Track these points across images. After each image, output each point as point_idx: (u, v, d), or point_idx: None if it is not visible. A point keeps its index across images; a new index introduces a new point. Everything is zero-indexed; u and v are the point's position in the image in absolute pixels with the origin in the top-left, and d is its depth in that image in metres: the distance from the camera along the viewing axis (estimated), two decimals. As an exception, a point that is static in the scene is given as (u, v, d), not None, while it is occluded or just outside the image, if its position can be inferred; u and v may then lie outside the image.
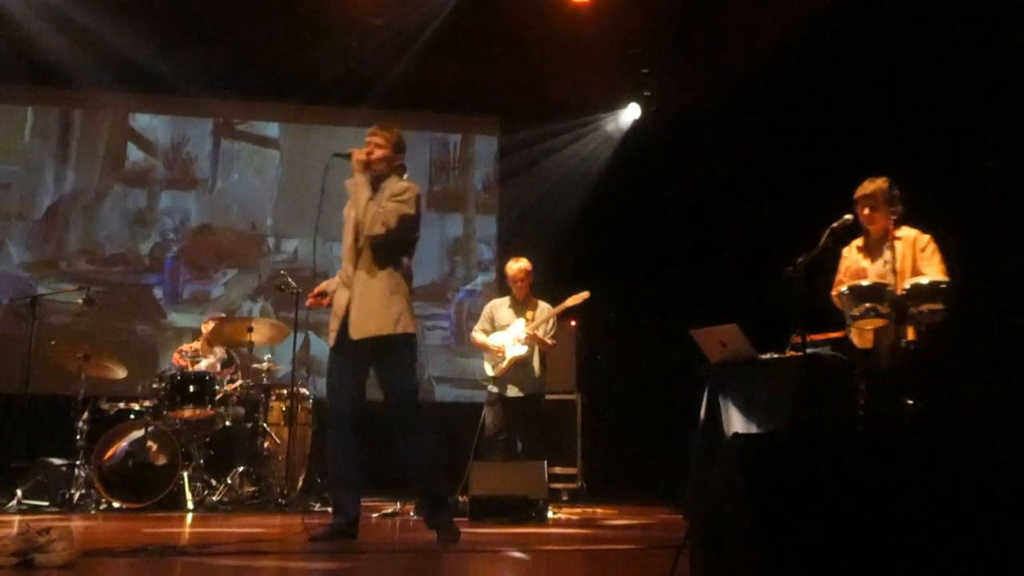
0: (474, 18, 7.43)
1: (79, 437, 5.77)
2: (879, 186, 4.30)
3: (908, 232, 4.31)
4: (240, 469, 6.06)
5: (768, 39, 6.82)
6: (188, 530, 4.58)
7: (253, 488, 6.08)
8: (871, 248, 4.41)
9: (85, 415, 5.86)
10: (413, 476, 3.93)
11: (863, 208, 4.33)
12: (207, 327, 6.69)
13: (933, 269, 4.18)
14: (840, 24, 6.44)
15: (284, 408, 6.46)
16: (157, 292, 8.64)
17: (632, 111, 9.04)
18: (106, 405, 6.00)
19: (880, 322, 4.01)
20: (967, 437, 2.01)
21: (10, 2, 7.45)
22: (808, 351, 4.21)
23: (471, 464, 5.25)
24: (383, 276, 3.85)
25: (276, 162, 9.04)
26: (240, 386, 6.39)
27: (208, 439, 6.11)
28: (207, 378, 6.08)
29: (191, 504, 5.68)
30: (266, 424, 6.34)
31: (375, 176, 3.95)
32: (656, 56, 8.20)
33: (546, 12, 7.46)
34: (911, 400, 3.93)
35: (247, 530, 4.42)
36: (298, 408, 6.37)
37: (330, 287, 4.06)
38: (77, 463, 5.71)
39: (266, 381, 6.62)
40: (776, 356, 4.56)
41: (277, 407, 6.50)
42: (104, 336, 7.99)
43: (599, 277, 6.48)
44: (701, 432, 4.81)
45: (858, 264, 4.43)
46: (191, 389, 6.00)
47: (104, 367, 6.27)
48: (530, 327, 5.71)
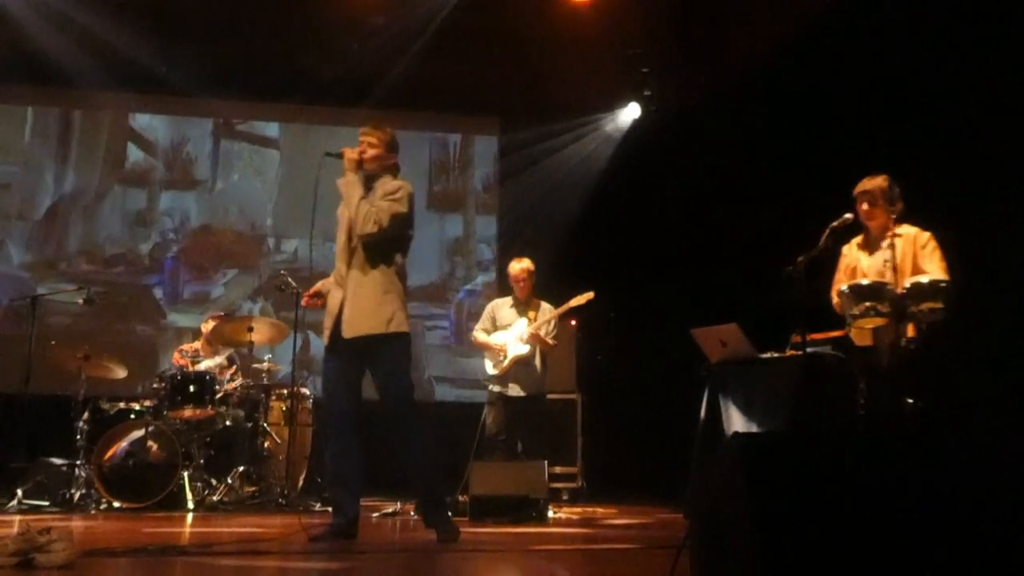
0: (474, 18, 7.43)
1: (79, 437, 5.78)
2: (878, 183, 4.30)
3: (908, 230, 4.31)
4: (240, 469, 6.07)
5: (768, 39, 6.83)
6: (188, 530, 4.58)
7: (253, 488, 6.09)
8: (870, 245, 4.41)
9: (85, 415, 5.86)
10: (411, 475, 3.92)
11: (862, 203, 4.32)
12: (207, 326, 6.70)
13: (934, 267, 4.18)
14: (840, 24, 6.44)
15: (284, 408, 6.46)
16: (157, 292, 8.64)
17: (632, 111, 9.04)
18: (106, 405, 6.01)
19: (880, 321, 4.01)
20: (967, 437, 2.01)
21: (10, 2, 7.45)
22: (808, 351, 4.21)
23: (471, 464, 5.25)
24: (376, 275, 3.85)
25: (276, 162, 9.04)
26: (240, 386, 6.40)
27: (208, 439, 6.11)
28: (207, 378, 6.08)
29: (191, 504, 5.69)
30: (266, 424, 6.34)
31: (368, 175, 3.95)
32: (656, 56, 8.21)
33: (546, 12, 7.47)
34: (911, 399, 3.93)
35: (247, 530, 4.42)
36: (298, 408, 6.38)
37: (325, 287, 4.06)
38: (77, 463, 5.71)
39: (266, 381, 6.62)
40: (776, 356, 4.56)
41: (277, 407, 6.50)
42: (104, 336, 7.99)
43: (599, 277, 6.47)
44: (701, 432, 4.81)
45: (857, 262, 4.43)
46: (191, 389, 6.00)
47: (104, 367, 6.27)
48: (532, 327, 5.72)
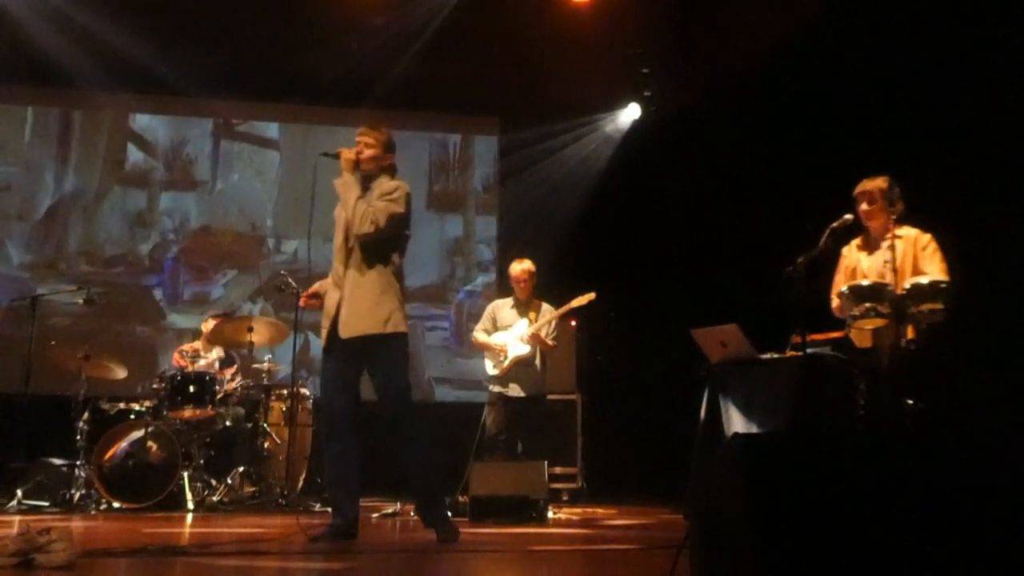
0: (474, 18, 7.42)
1: (79, 437, 5.78)
2: (878, 184, 4.30)
3: (909, 232, 4.30)
4: (240, 469, 6.07)
5: (768, 39, 6.82)
6: (188, 530, 4.58)
7: (253, 488, 6.09)
8: (870, 246, 4.41)
9: (85, 415, 5.86)
10: (409, 475, 3.92)
11: (861, 203, 4.33)
12: (207, 326, 6.70)
13: (934, 269, 4.18)
14: (840, 24, 6.44)
15: (284, 408, 6.46)
16: (157, 293, 8.63)
17: (632, 111, 9.04)
18: (106, 405, 6.01)
19: (880, 322, 4.01)
20: (967, 437, 2.01)
21: (10, 2, 7.45)
22: (808, 351, 4.21)
23: (471, 464, 5.25)
24: (373, 275, 3.85)
25: (276, 163, 9.04)
26: (240, 386, 6.40)
27: (208, 439, 6.11)
28: (207, 378, 6.09)
29: (191, 504, 5.69)
30: (266, 424, 6.34)
31: (365, 176, 3.95)
32: (656, 56, 8.21)
33: (546, 12, 7.46)
34: (911, 400, 3.93)
35: (247, 530, 4.42)
36: (298, 408, 6.38)
37: (323, 288, 4.05)
38: (77, 463, 5.71)
39: (266, 381, 6.62)
40: (776, 356, 4.56)
41: (277, 407, 6.50)
42: (104, 337, 7.98)
43: (599, 277, 6.47)
44: (701, 432, 4.80)
45: (857, 263, 4.43)
46: (191, 389, 6.00)
47: (104, 367, 6.27)
48: (533, 327, 5.73)
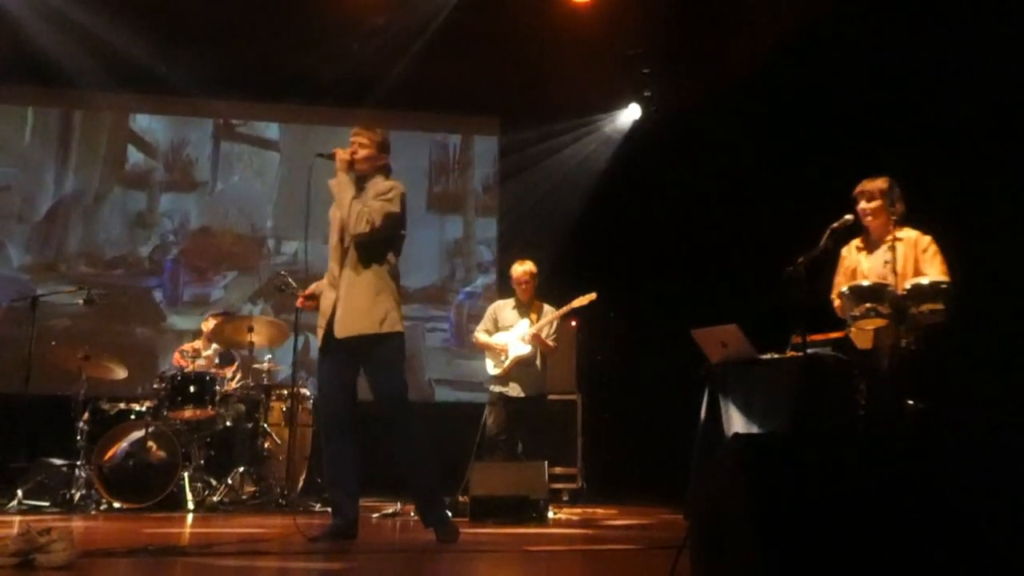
0: (474, 18, 7.42)
1: (80, 437, 5.78)
2: (878, 184, 4.30)
3: (909, 233, 4.30)
4: (240, 469, 6.07)
5: (768, 39, 6.82)
6: (188, 530, 4.58)
7: (253, 488, 6.09)
8: (870, 247, 4.41)
9: (86, 415, 5.86)
10: (408, 475, 3.92)
11: (860, 201, 4.32)
12: (207, 325, 6.71)
13: (934, 271, 4.17)
14: (840, 24, 6.44)
15: (284, 408, 6.47)
16: (157, 295, 8.63)
17: (632, 111, 9.03)
18: (106, 405, 6.01)
19: (880, 322, 4.01)
20: (967, 437, 2.01)
21: (10, 2, 7.45)
22: (808, 351, 4.21)
23: (472, 464, 5.25)
24: (369, 275, 3.85)
25: (276, 164, 9.04)
26: (240, 386, 6.40)
27: (208, 439, 6.11)
28: (207, 378, 6.08)
29: (191, 504, 5.69)
30: (266, 424, 6.35)
31: (359, 176, 3.95)
32: (656, 56, 8.20)
33: (546, 12, 7.46)
34: (911, 400, 3.93)
35: (247, 530, 4.42)
36: (298, 408, 6.38)
37: (319, 288, 4.05)
38: (78, 463, 5.71)
39: (266, 381, 6.62)
40: (776, 356, 4.55)
41: (277, 407, 6.50)
42: (104, 338, 7.96)
43: (599, 277, 6.47)
44: (701, 432, 4.80)
45: (857, 263, 4.43)
46: (191, 389, 6.00)
47: (104, 367, 6.27)
48: (534, 327, 5.74)
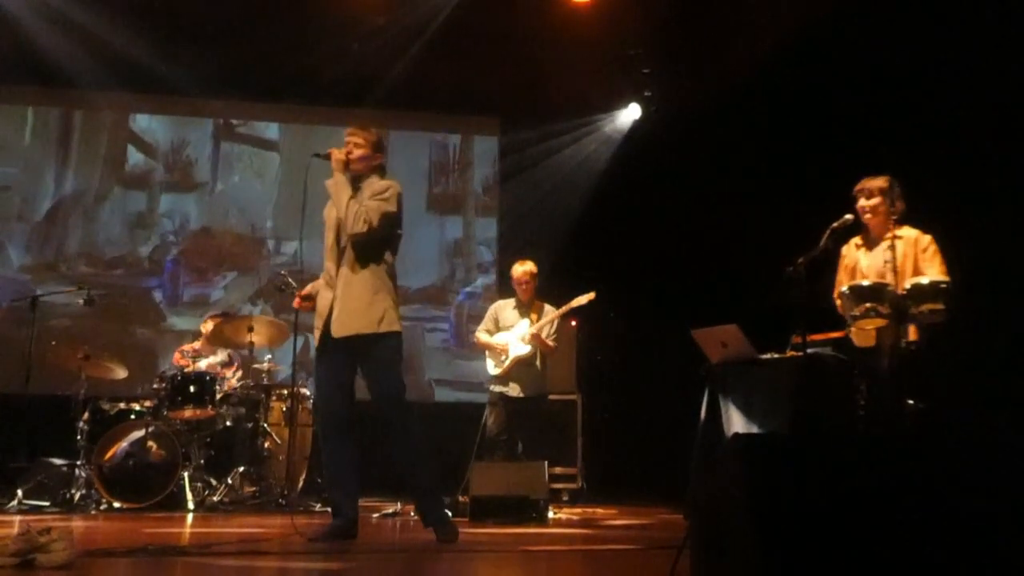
0: (474, 18, 7.42)
1: (80, 437, 5.77)
2: (879, 183, 4.30)
3: (909, 232, 4.30)
4: (240, 469, 6.07)
5: (768, 39, 6.82)
6: (188, 530, 4.58)
7: (253, 488, 6.09)
8: (869, 244, 4.41)
9: (86, 415, 5.86)
10: (406, 475, 3.91)
11: (860, 198, 4.32)
12: (207, 326, 6.70)
13: (934, 270, 4.17)
14: (840, 24, 6.44)
15: (284, 408, 6.46)
16: (157, 295, 8.63)
17: (632, 111, 9.03)
18: (107, 405, 6.00)
19: (880, 322, 4.01)
20: (967, 437, 2.01)
21: (10, 2, 7.45)
22: (808, 351, 4.21)
23: (472, 464, 5.25)
24: (366, 275, 3.85)
25: (276, 164, 9.04)
26: (240, 386, 6.40)
27: (208, 439, 6.11)
28: (207, 378, 6.08)
29: (191, 504, 5.69)
30: (266, 424, 6.34)
31: (355, 176, 3.95)
32: (656, 56, 8.20)
33: (546, 12, 7.46)
34: (912, 400, 3.93)
35: (247, 530, 4.42)
36: (298, 408, 6.38)
37: (316, 288, 4.05)
38: (78, 463, 5.71)
39: (266, 381, 6.62)
40: (776, 356, 4.55)
41: (277, 407, 6.50)
42: (104, 338, 7.96)
43: (599, 277, 6.47)
44: (701, 432, 4.80)
45: (857, 261, 4.43)
46: (191, 389, 6.00)
47: (105, 367, 6.27)
48: (534, 327, 5.74)
